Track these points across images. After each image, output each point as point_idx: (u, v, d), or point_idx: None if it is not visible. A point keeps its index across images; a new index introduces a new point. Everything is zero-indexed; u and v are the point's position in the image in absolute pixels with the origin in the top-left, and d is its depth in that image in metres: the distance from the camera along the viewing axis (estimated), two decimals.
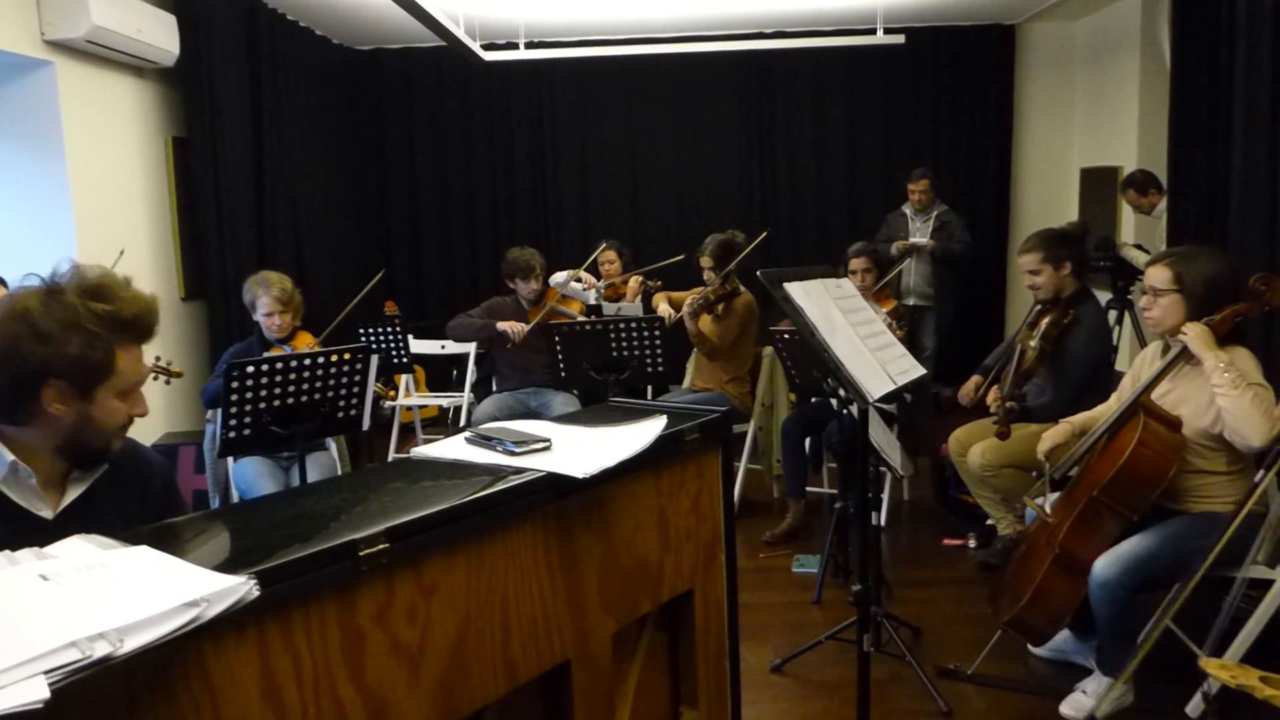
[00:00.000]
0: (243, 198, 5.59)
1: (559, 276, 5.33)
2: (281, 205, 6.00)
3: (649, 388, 5.42)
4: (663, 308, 4.97)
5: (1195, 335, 2.73)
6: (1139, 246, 5.62)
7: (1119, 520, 2.81)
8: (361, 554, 1.14)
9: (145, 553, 1.08)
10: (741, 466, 4.76)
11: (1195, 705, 2.81)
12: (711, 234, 4.86)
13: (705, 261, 4.73)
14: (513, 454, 1.45)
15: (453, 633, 1.27)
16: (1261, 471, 2.71)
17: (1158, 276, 2.85)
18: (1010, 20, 7.22)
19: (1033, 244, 3.72)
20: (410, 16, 4.60)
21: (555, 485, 1.39)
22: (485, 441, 1.51)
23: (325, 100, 6.79)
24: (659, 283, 5.67)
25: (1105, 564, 2.73)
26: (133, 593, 0.94)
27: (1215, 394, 2.66)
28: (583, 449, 1.46)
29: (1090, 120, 7.22)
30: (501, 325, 4.77)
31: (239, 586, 0.96)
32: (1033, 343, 3.61)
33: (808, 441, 4.53)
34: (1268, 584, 2.75)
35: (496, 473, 1.40)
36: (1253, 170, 4.31)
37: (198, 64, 5.24)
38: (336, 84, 7.02)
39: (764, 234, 4.81)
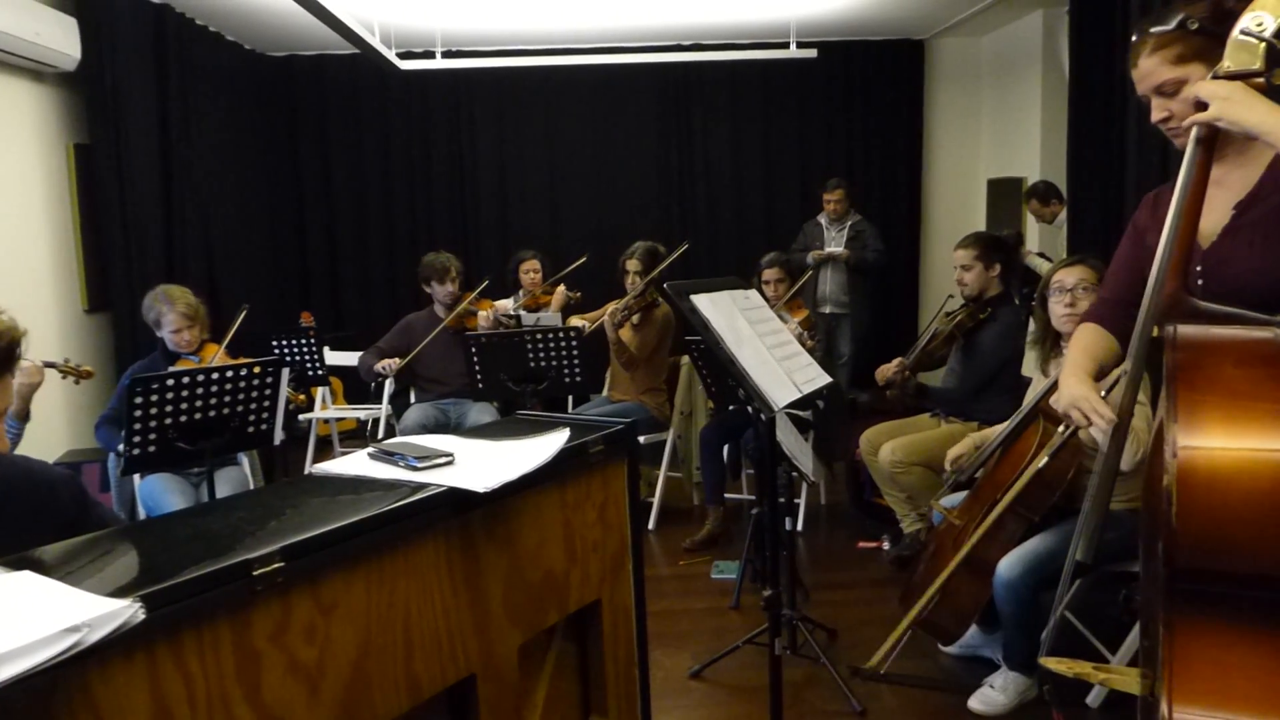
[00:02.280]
0: (149, 206, 5.44)
1: (505, 304, 5.40)
2: (191, 214, 5.85)
3: (569, 398, 5.44)
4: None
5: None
6: (1041, 255, 5.83)
7: (1022, 522, 2.91)
8: (256, 573, 1.14)
9: (26, 578, 1.05)
10: (661, 475, 4.79)
11: (1095, 696, 2.93)
12: (638, 241, 4.91)
13: (632, 265, 4.77)
14: (415, 469, 1.45)
15: (353, 650, 1.27)
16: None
17: (1086, 275, 2.98)
18: (919, 36, 7.42)
19: (970, 242, 3.88)
20: (324, 24, 4.55)
21: (457, 500, 1.39)
22: (387, 457, 1.51)
23: (237, 107, 6.64)
24: (579, 295, 5.67)
25: (1008, 564, 2.82)
26: (8, 621, 0.92)
27: None
28: (485, 463, 1.47)
29: (996, 132, 7.46)
30: (377, 365, 4.76)
31: (123, 610, 0.95)
32: (946, 327, 3.77)
33: (726, 449, 4.58)
34: None
35: (398, 488, 1.40)
36: (1145, 183, 4.51)
37: (101, 69, 5.09)
38: (249, 91, 6.88)
39: (684, 246, 4.86)
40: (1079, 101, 5.16)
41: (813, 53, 6.10)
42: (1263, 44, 1.45)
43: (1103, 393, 1.74)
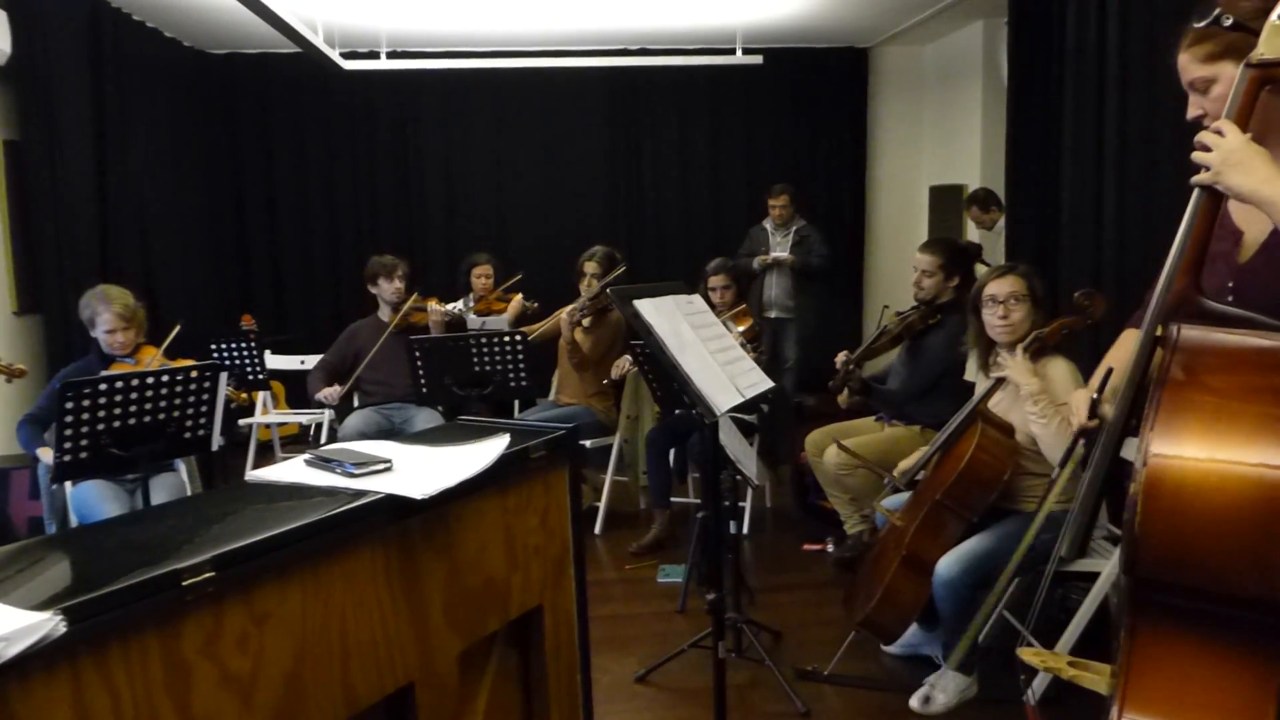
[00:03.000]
0: (83, 205, 5.31)
1: (456, 306, 5.34)
2: (127, 214, 5.72)
3: (516, 402, 5.41)
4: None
5: (1014, 367, 2.92)
6: (983, 261, 5.93)
7: (960, 521, 2.96)
8: (186, 583, 1.11)
9: None
10: (608, 479, 4.79)
11: (1031, 694, 2.98)
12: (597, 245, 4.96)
13: (591, 267, 4.78)
14: (352, 476, 1.43)
15: (287, 660, 1.25)
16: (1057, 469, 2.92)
17: (1016, 286, 3.04)
18: (863, 44, 7.53)
19: (936, 250, 3.94)
20: (266, 22, 4.48)
21: (395, 507, 1.38)
22: (324, 463, 1.49)
23: (176, 105, 6.51)
24: (536, 305, 5.63)
25: (947, 563, 2.87)
26: None
27: (1029, 420, 2.85)
28: (424, 469, 1.46)
29: (938, 140, 7.59)
30: (317, 395, 4.71)
31: (42, 624, 0.92)
32: (896, 327, 3.83)
33: (672, 453, 4.59)
34: (1095, 576, 2.94)
35: (335, 495, 1.38)
36: (1079, 191, 4.62)
37: (32, 63, 4.96)
38: (188, 88, 6.74)
39: (622, 268, 4.86)
40: (1017, 111, 5.27)
41: (758, 59, 6.15)
42: None
43: (1094, 395, 1.72)
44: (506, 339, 4.15)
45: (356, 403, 5.04)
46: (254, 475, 1.51)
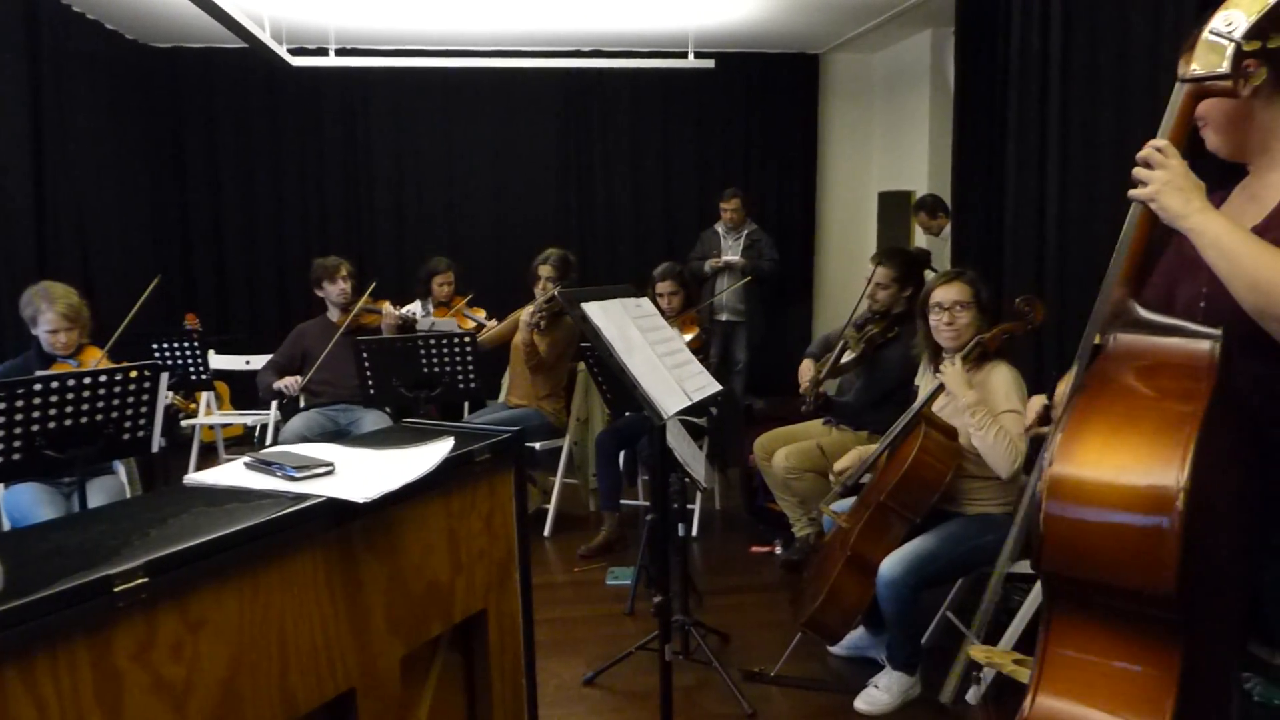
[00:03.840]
0: (19, 200, 5.17)
1: (413, 308, 5.26)
2: (65, 209, 5.58)
3: (465, 404, 5.37)
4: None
5: (950, 376, 2.97)
6: (930, 267, 6.02)
7: (904, 523, 3.00)
8: (117, 590, 1.09)
9: None
10: (557, 481, 4.78)
11: (974, 693, 3.04)
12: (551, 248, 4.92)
13: (545, 270, 4.75)
14: (293, 479, 1.41)
15: (223, 667, 1.23)
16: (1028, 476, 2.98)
17: (962, 292, 3.08)
18: (814, 50, 7.60)
19: (892, 262, 3.95)
20: (211, 16, 4.40)
21: (336, 510, 1.36)
22: (265, 466, 1.46)
23: (117, 99, 6.36)
24: (494, 322, 5.56)
25: (890, 564, 2.91)
26: None
27: (969, 431, 2.90)
28: (367, 473, 1.44)
29: (887, 146, 7.69)
30: (277, 384, 4.66)
31: None
32: (857, 346, 3.85)
33: (622, 455, 4.59)
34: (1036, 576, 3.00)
35: (274, 499, 1.36)
36: (1024, 198, 4.71)
37: None
38: (130, 82, 6.59)
39: (553, 292, 4.84)
40: (963, 118, 5.35)
41: (710, 63, 6.18)
42: (1231, 45, 1.40)
43: (1046, 401, 1.76)
44: (455, 340, 4.12)
45: (303, 404, 4.97)
46: (192, 478, 1.49)
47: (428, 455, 1.50)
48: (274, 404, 5.39)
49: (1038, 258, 4.59)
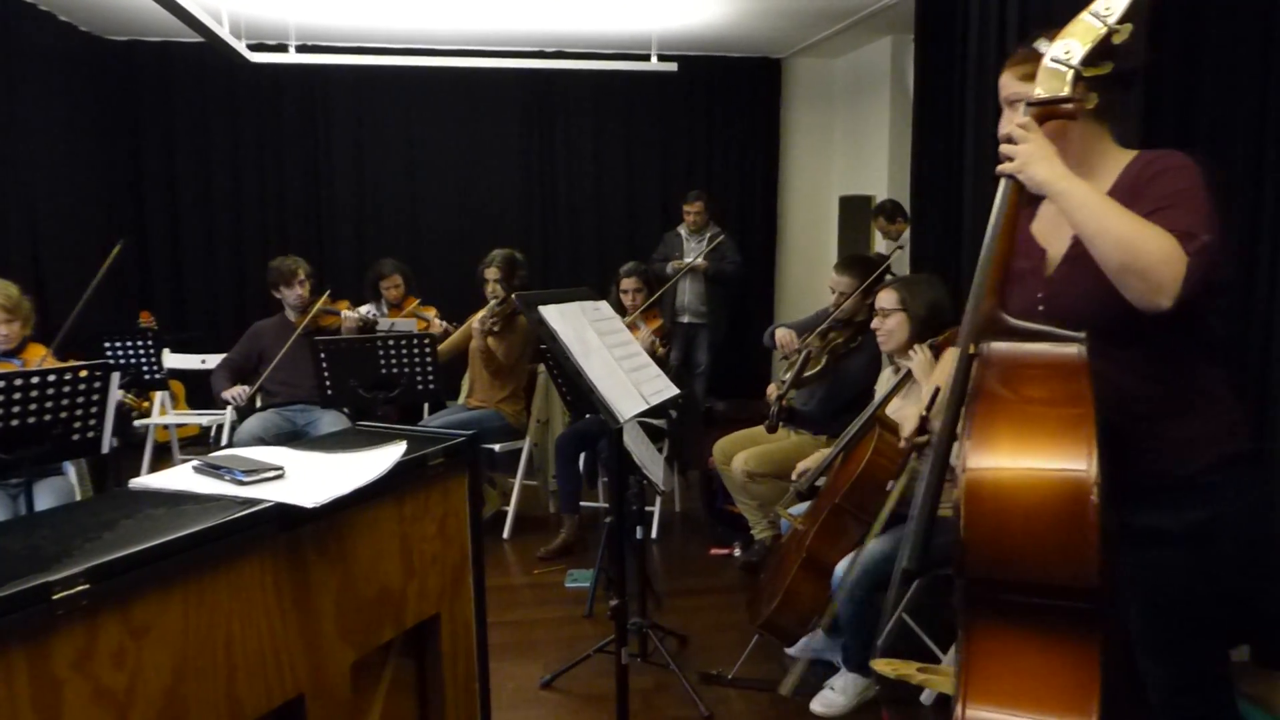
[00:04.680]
0: None
1: (367, 310, 5.20)
2: (15, 203, 5.47)
3: (425, 405, 5.33)
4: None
5: (919, 364, 3.00)
6: (890, 272, 6.07)
7: (858, 525, 3.03)
8: (56, 597, 1.07)
9: None
10: (517, 483, 4.76)
11: (928, 694, 3.07)
12: (495, 249, 4.88)
13: (491, 273, 4.73)
14: (241, 483, 1.40)
15: (167, 675, 1.21)
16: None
17: (886, 299, 3.17)
18: (776, 55, 7.64)
19: (854, 272, 3.95)
20: (167, 10, 4.33)
21: (285, 515, 1.35)
22: (213, 470, 1.45)
23: (72, 93, 6.25)
24: (455, 325, 5.52)
25: (845, 565, 2.93)
26: None
27: (932, 414, 2.93)
28: (317, 477, 1.43)
29: (848, 151, 7.75)
30: (224, 394, 4.60)
31: None
32: (820, 357, 3.86)
33: (582, 457, 4.59)
34: None
35: (222, 504, 1.35)
36: (980, 204, 4.77)
37: None
38: (85, 76, 6.47)
39: (523, 271, 4.83)
40: (922, 125, 5.41)
41: (673, 66, 6.19)
42: (1070, 70, 1.52)
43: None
44: (415, 341, 4.09)
45: (259, 404, 4.91)
46: (139, 482, 1.46)
47: (380, 459, 1.49)
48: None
49: None
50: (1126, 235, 1.48)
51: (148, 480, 1.46)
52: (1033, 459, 1.32)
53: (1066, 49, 1.53)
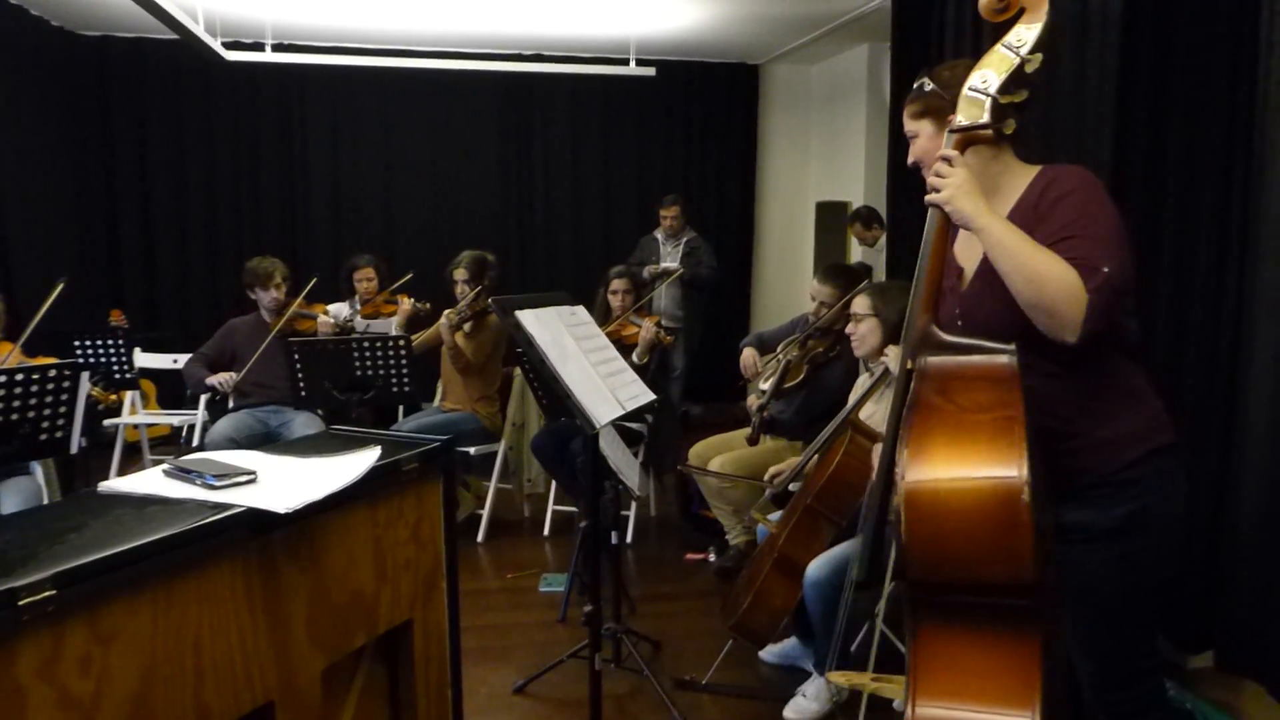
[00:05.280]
0: None
1: (339, 310, 5.15)
2: None
3: (400, 407, 5.31)
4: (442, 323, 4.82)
5: (895, 359, 3.02)
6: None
7: (831, 526, 3.05)
8: (22, 603, 1.06)
9: None
10: (492, 486, 4.74)
11: (900, 701, 3.08)
12: (464, 250, 4.87)
13: (460, 274, 4.71)
14: (212, 488, 1.38)
15: (135, 682, 1.20)
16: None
17: (859, 304, 3.21)
18: (754, 61, 7.67)
19: (835, 282, 3.93)
20: (141, 7, 4.28)
21: (257, 520, 1.34)
22: (184, 474, 1.43)
23: (42, 88, 6.17)
24: (428, 305, 5.52)
25: (817, 565, 2.95)
26: None
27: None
28: (290, 481, 1.42)
29: (824, 157, 7.79)
30: (210, 379, 4.56)
31: None
32: (800, 367, 3.87)
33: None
34: None
35: (192, 508, 1.33)
36: None
37: None
38: (56, 71, 6.39)
39: (492, 271, 4.82)
40: (898, 132, 5.44)
41: (651, 71, 6.21)
42: (988, 99, 1.61)
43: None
44: (390, 343, 4.07)
45: (232, 404, 4.87)
46: (108, 486, 1.45)
47: (353, 464, 1.48)
48: (201, 404, 5.27)
49: None
50: (1035, 274, 1.57)
51: (116, 484, 1.44)
52: (966, 468, 1.38)
53: (984, 78, 1.63)
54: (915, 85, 1.88)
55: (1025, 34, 1.62)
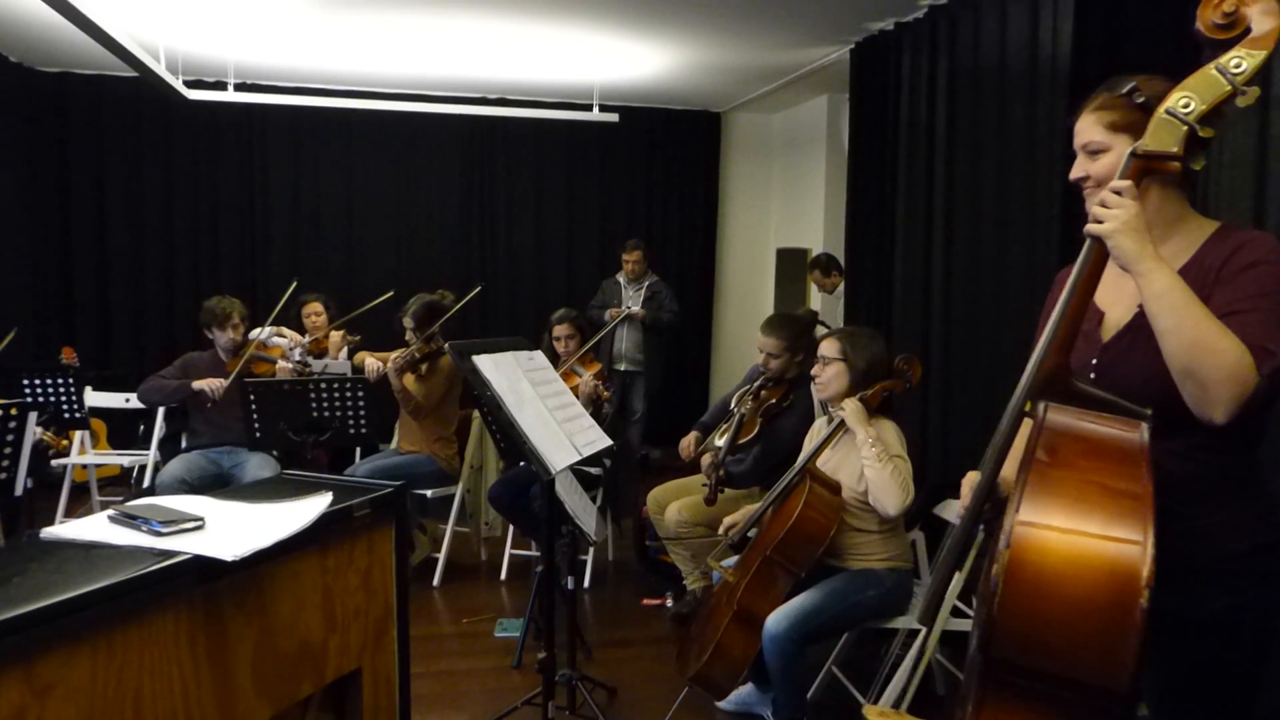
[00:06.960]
0: None
1: (261, 332, 5.05)
2: None
3: (358, 448, 5.26)
4: (369, 363, 4.83)
5: (851, 411, 3.05)
6: (821, 323, 6.17)
7: (789, 577, 3.05)
8: None
9: None
10: (448, 529, 4.69)
11: None
12: (419, 294, 4.84)
13: (407, 322, 4.70)
14: (159, 534, 1.36)
15: None
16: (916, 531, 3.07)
17: (829, 348, 3.20)
18: (716, 108, 7.80)
19: (781, 333, 3.92)
20: (102, 45, 4.27)
21: (203, 568, 1.32)
22: (129, 520, 1.41)
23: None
24: (359, 338, 5.51)
25: (776, 619, 2.94)
26: None
27: (863, 464, 2.99)
28: (238, 528, 1.40)
29: (785, 205, 7.91)
30: (197, 384, 4.48)
31: None
32: (754, 420, 3.86)
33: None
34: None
35: (137, 556, 1.31)
36: (911, 258, 4.90)
37: None
38: (15, 107, 6.35)
39: (478, 288, 4.83)
40: (856, 181, 5.56)
41: (614, 117, 6.28)
42: (1185, 127, 1.40)
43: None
44: (347, 383, 4.04)
45: (184, 444, 4.79)
46: (50, 532, 1.42)
47: (304, 511, 1.47)
48: (154, 443, 5.18)
49: (924, 314, 4.77)
50: (1200, 340, 1.38)
51: (60, 530, 1.42)
52: (1081, 551, 1.22)
53: (1185, 101, 1.40)
54: (1125, 90, 1.57)
55: (1245, 60, 1.38)
